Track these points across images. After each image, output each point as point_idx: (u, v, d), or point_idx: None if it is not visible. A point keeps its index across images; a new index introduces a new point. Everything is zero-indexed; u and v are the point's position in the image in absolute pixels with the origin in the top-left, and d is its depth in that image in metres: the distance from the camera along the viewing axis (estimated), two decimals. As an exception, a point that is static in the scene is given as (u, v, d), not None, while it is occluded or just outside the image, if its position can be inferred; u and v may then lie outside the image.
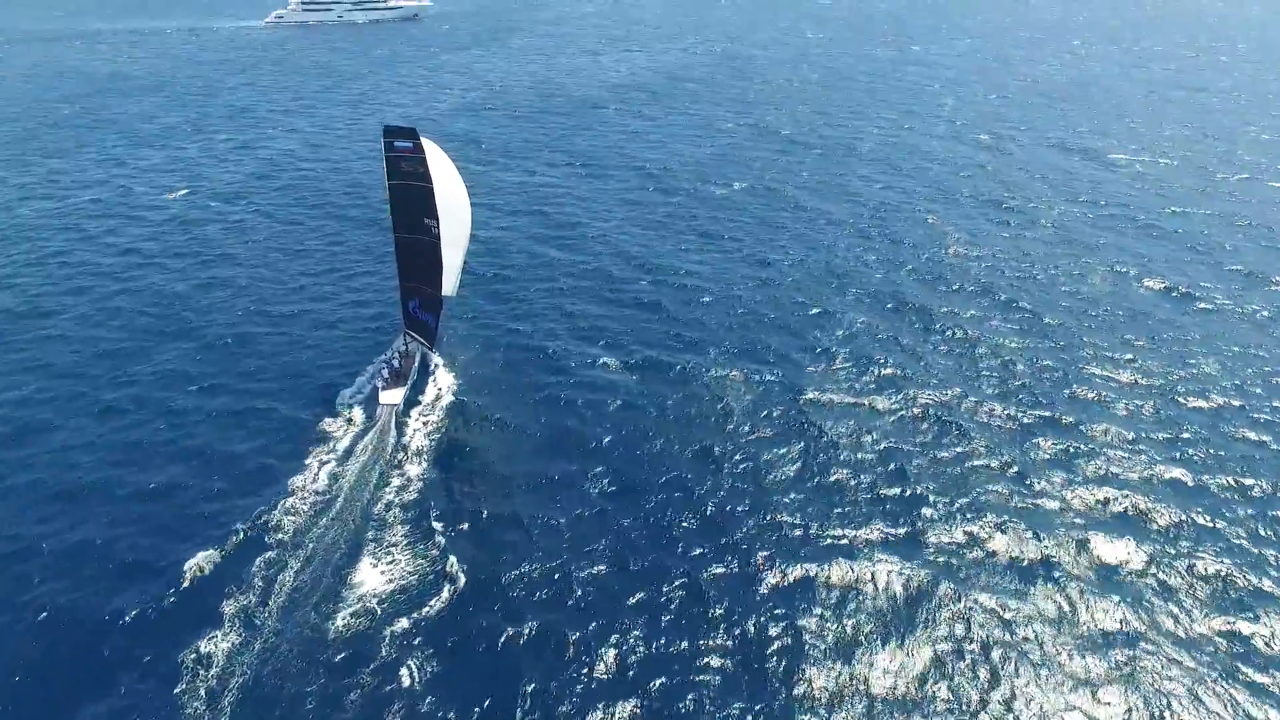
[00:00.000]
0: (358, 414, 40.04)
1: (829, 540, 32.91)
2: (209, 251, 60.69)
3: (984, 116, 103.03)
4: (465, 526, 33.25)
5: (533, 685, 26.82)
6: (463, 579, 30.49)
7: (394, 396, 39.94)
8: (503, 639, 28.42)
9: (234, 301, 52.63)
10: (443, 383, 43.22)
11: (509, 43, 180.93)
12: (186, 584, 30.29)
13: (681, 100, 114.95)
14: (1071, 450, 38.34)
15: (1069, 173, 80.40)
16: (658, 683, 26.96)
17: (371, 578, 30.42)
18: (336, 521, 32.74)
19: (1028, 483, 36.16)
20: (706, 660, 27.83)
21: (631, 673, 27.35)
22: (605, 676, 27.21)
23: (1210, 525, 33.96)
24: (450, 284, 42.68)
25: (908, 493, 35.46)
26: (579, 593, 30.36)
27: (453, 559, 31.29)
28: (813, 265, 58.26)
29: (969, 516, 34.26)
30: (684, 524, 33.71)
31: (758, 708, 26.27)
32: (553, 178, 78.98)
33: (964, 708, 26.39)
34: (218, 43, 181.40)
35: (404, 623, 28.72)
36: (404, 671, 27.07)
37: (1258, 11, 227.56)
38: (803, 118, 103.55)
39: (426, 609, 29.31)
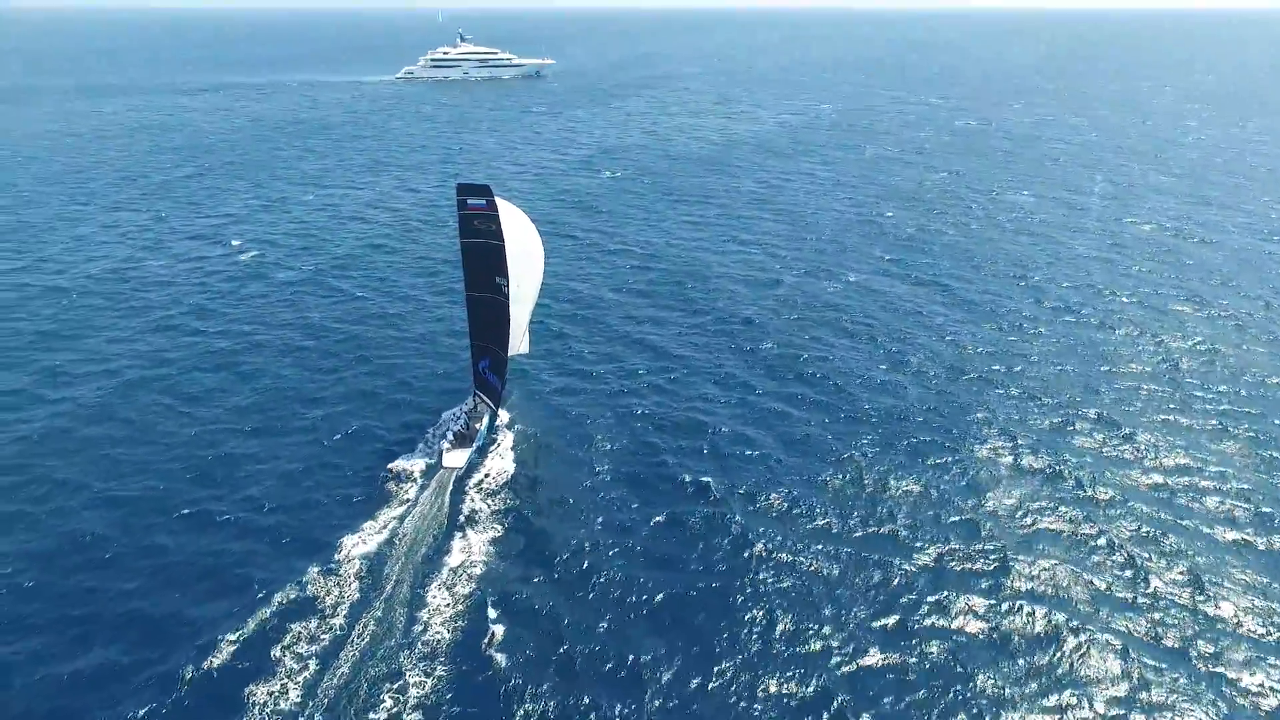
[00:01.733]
0: (413, 487, 36.29)
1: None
2: (282, 318, 56.74)
3: (1150, 198, 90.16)
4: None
5: None
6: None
7: (458, 459, 37.61)
8: None
9: (273, 370, 48.15)
10: (517, 491, 36.71)
11: (625, 100, 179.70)
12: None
13: (800, 164, 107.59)
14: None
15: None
16: None
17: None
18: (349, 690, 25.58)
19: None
20: None
21: None
22: None
23: None
24: (517, 342, 41.24)
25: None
26: None
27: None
28: (971, 375, 48.18)
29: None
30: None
31: None
32: (662, 247, 72.30)
33: None
34: (348, 97, 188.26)
35: None
36: None
37: None
38: (936, 188, 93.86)
39: None
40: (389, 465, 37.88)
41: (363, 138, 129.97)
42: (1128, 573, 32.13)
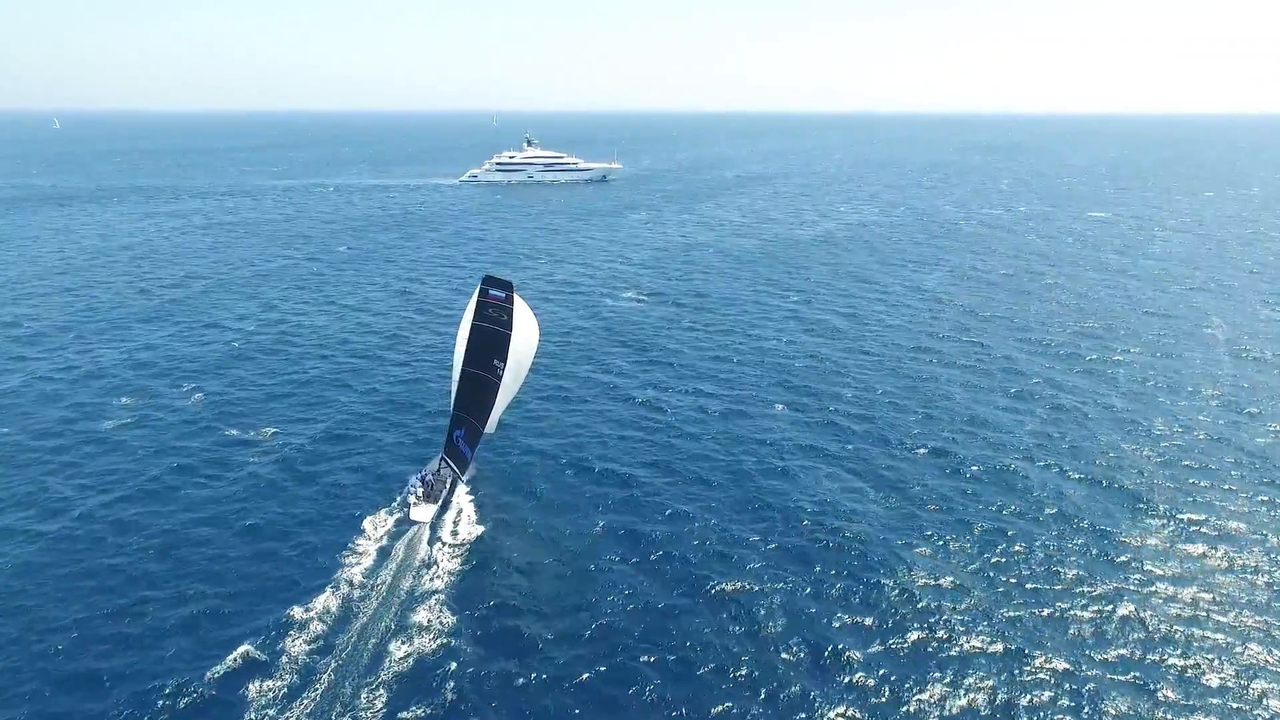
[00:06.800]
0: (382, 540, 39.06)
1: None
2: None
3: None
4: None
5: None
6: None
7: (425, 514, 40.66)
8: None
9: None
10: (480, 544, 39.30)
11: (690, 207, 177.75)
12: None
13: (862, 290, 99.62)
14: None
15: None
16: None
17: None
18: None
19: None
20: None
21: None
22: None
23: None
24: (493, 422, 45.80)
25: None
26: None
27: None
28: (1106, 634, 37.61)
29: None
30: None
31: None
32: (685, 406, 60.46)
33: None
34: (410, 200, 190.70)
35: None
36: None
37: None
38: (1031, 325, 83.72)
39: None
40: (361, 520, 40.76)
41: (443, 245, 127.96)
42: None
